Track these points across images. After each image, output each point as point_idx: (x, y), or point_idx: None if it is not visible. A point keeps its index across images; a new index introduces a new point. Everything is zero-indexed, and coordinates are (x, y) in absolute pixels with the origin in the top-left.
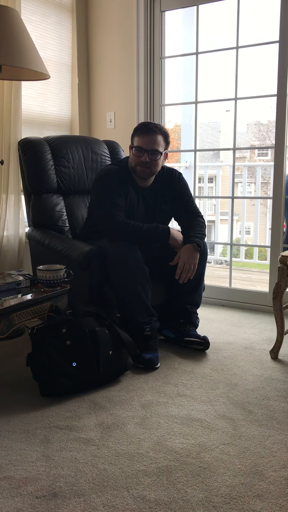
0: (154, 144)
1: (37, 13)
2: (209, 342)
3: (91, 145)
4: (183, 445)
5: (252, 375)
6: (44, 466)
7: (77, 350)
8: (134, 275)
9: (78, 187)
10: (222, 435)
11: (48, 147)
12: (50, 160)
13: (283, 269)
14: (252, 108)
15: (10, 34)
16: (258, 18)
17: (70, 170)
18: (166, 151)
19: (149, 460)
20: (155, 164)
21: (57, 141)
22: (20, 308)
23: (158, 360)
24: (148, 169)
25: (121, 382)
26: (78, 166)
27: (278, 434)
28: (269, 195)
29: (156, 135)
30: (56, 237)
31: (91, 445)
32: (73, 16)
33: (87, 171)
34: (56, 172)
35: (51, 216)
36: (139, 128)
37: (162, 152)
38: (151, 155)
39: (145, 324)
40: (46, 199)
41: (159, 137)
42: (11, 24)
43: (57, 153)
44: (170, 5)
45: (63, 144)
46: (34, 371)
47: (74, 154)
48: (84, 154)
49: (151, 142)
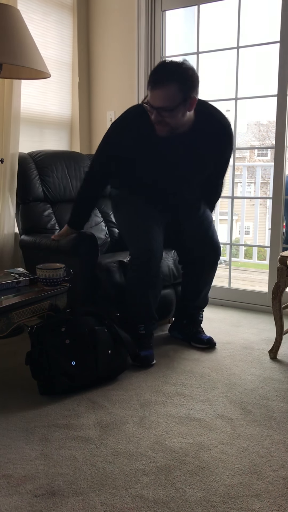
0: (162, 100)
1: (38, 11)
2: (215, 342)
3: (73, 158)
4: (182, 444)
5: (251, 375)
6: (43, 465)
7: (76, 349)
8: (148, 286)
9: (64, 196)
10: (220, 434)
11: (32, 160)
12: (34, 170)
13: (282, 269)
14: (252, 108)
15: (11, 33)
16: (259, 18)
17: (55, 180)
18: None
19: (147, 459)
20: (173, 121)
21: (40, 155)
22: (19, 306)
23: (154, 357)
24: (164, 127)
25: (120, 381)
26: (62, 175)
27: (277, 434)
28: (269, 195)
29: (166, 87)
30: (46, 236)
31: (89, 444)
32: (74, 14)
33: (72, 180)
34: (41, 182)
35: (40, 221)
36: (149, 78)
37: (176, 106)
38: (161, 113)
39: (140, 323)
40: (33, 207)
41: (171, 88)
42: (12, 23)
43: (41, 164)
44: (171, 5)
45: (46, 158)
46: (33, 369)
47: (57, 165)
48: (67, 165)
49: (159, 98)
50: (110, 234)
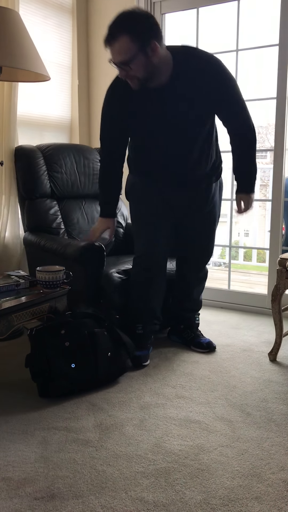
0: (118, 55)
1: (37, 14)
2: (214, 346)
3: (82, 152)
4: (182, 446)
5: (250, 377)
6: (43, 467)
7: (76, 351)
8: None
9: (71, 192)
10: (220, 437)
11: (41, 154)
12: (42, 166)
13: (282, 272)
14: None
15: (10, 36)
16: (258, 21)
17: (63, 175)
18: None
19: (147, 461)
20: (138, 73)
21: (50, 148)
22: (19, 309)
23: (147, 358)
24: (133, 80)
25: (119, 384)
26: (71, 171)
27: (276, 436)
28: (268, 198)
29: (118, 41)
30: (51, 238)
31: (89, 447)
32: (74, 17)
33: (80, 176)
34: (49, 178)
35: (45, 219)
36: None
37: (133, 58)
38: (123, 68)
39: (138, 322)
40: (39, 204)
41: (122, 41)
42: (11, 26)
43: (50, 159)
44: (170, 8)
45: (55, 151)
46: (33, 372)
47: (66, 160)
48: (76, 160)
49: (114, 53)
50: (115, 234)
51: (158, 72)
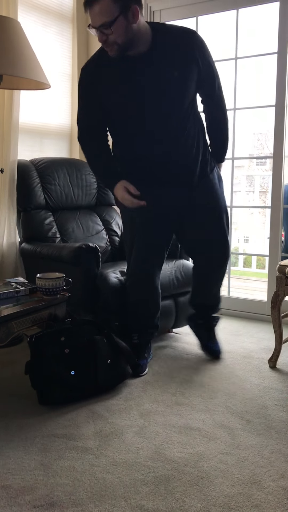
0: (98, 17)
1: (38, 23)
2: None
3: (75, 165)
4: (181, 454)
5: (250, 384)
6: (42, 475)
7: (75, 358)
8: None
9: (66, 203)
10: (220, 444)
11: (34, 167)
12: (36, 178)
13: (281, 278)
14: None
15: (11, 45)
16: (257, 30)
17: (57, 187)
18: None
19: (147, 469)
20: (119, 38)
21: (43, 162)
22: (19, 316)
23: (144, 368)
24: (113, 46)
25: (119, 391)
26: (64, 183)
27: (276, 443)
28: (268, 204)
29: (99, 2)
30: (47, 245)
31: (89, 454)
32: (74, 26)
33: (73, 188)
34: (43, 190)
35: (41, 229)
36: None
37: (114, 20)
38: (103, 31)
39: (133, 332)
40: (34, 215)
41: (102, 1)
42: (12, 35)
43: (43, 172)
44: (170, 17)
45: (49, 165)
46: (33, 379)
47: (59, 173)
48: (69, 173)
49: (95, 16)
50: (111, 242)
51: (137, 39)
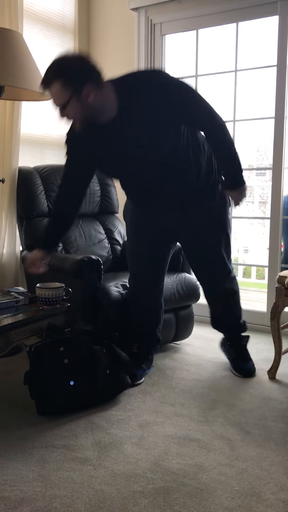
0: (54, 99)
1: (40, 35)
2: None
3: None
4: (181, 465)
5: (249, 395)
6: (40, 487)
7: (74, 368)
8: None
9: None
10: (219, 455)
11: (38, 175)
12: (40, 186)
13: (280, 289)
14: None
15: (13, 56)
16: (257, 42)
17: None
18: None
19: (146, 480)
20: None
21: (47, 169)
22: (18, 325)
23: (140, 377)
24: (74, 122)
25: (118, 402)
26: None
27: (276, 455)
28: (267, 214)
29: (51, 87)
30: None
31: (87, 465)
32: (75, 38)
33: None
34: (47, 197)
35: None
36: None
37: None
38: (61, 111)
39: (134, 341)
40: (37, 223)
41: (55, 86)
42: (14, 47)
43: (47, 179)
44: (170, 30)
45: (52, 172)
46: (32, 389)
47: None
48: None
49: (53, 97)
50: (113, 251)
51: (100, 110)
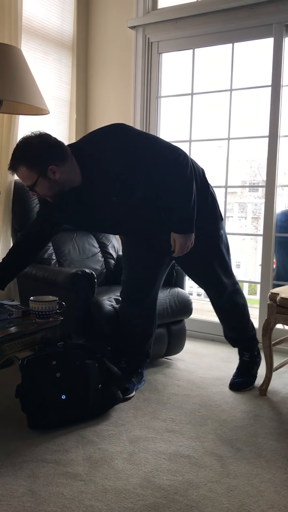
0: (23, 181)
1: (38, 50)
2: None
3: None
4: (171, 482)
5: (240, 411)
6: (30, 502)
7: (66, 382)
8: (129, 328)
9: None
10: (210, 472)
11: None
12: (35, 199)
13: (272, 306)
14: (244, 146)
15: (12, 71)
16: (252, 62)
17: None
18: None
19: (136, 496)
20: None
21: None
22: (11, 338)
23: (130, 391)
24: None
25: (110, 416)
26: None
27: (266, 472)
28: (260, 230)
29: (18, 171)
30: (43, 267)
31: (78, 480)
32: (74, 54)
33: None
34: None
35: None
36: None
37: (35, 183)
38: (32, 190)
39: (123, 357)
40: None
41: (21, 170)
42: (13, 62)
43: None
44: (167, 48)
45: None
46: (23, 403)
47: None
48: None
49: (22, 180)
50: (106, 265)
51: (67, 182)
